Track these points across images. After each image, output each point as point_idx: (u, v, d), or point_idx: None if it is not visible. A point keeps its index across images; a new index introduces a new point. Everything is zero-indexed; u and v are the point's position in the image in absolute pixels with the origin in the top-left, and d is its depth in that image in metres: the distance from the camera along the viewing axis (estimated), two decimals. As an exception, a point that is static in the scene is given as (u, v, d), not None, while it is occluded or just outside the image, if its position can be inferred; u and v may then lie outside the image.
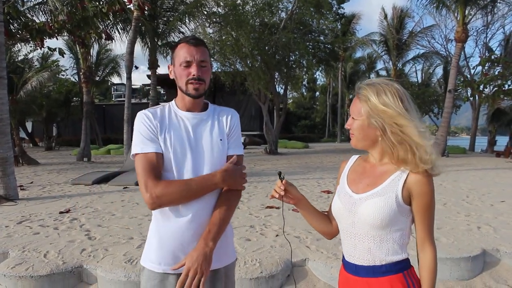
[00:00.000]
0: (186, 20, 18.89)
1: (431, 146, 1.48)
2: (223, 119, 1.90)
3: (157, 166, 1.70)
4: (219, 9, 18.39)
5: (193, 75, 1.74)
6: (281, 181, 1.72)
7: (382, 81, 1.54)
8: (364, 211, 1.52)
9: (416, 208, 1.50)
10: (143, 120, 1.76)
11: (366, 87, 1.53)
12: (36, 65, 27.53)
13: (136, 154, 1.72)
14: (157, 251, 1.77)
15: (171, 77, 1.83)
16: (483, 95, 22.45)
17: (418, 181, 1.48)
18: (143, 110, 1.80)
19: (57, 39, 12.63)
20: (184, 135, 1.77)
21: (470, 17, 19.68)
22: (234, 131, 1.92)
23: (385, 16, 32.57)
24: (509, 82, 18.70)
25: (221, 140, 1.84)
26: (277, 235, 5.04)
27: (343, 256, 1.68)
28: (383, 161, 1.57)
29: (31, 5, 15.06)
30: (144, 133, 1.74)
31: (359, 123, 1.55)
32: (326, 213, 1.84)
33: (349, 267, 1.63)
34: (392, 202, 1.48)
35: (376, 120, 1.50)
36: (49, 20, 12.94)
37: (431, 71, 38.74)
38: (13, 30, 12.80)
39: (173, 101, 1.87)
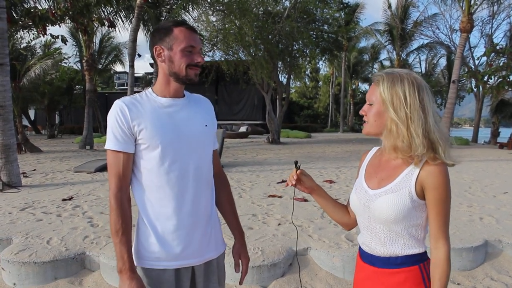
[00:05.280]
0: (190, 8, 18.76)
1: (444, 138, 1.45)
2: (203, 105, 1.89)
3: (125, 169, 1.68)
4: (222, -3, 18.25)
5: (198, 61, 1.72)
6: (296, 170, 1.72)
7: (402, 70, 1.51)
8: (377, 207, 1.50)
9: (429, 202, 1.46)
10: (116, 115, 1.65)
11: (383, 75, 1.50)
12: (38, 53, 27.46)
13: (107, 149, 1.69)
14: (156, 248, 1.70)
15: (160, 60, 1.72)
16: (487, 86, 22.31)
17: (431, 174, 1.43)
18: (119, 101, 1.69)
19: (59, 26, 12.59)
20: (167, 122, 1.70)
21: (476, 7, 19.47)
22: (215, 122, 1.93)
23: (389, 6, 32.33)
24: (514, 73, 18.56)
25: (206, 126, 1.81)
26: (279, 224, 5.05)
27: (360, 246, 1.68)
28: (396, 153, 1.52)
29: (34, -9, 14.97)
30: (115, 130, 1.66)
31: (375, 109, 1.51)
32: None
33: (365, 257, 1.64)
34: (406, 199, 1.45)
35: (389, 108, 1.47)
36: (51, 6, 12.86)
37: (435, 62, 38.54)
38: (16, 17, 12.74)
39: (149, 89, 1.79)
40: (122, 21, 19.05)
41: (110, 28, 16.31)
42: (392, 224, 1.49)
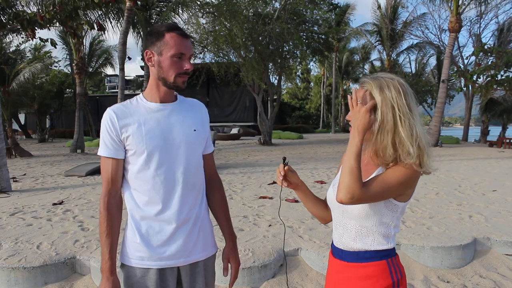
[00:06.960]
0: (179, 11, 18.77)
1: (429, 147, 1.48)
2: (195, 109, 1.90)
3: (114, 174, 1.75)
4: (212, -1, 18.27)
5: (187, 69, 1.72)
6: (283, 166, 1.77)
7: (387, 75, 1.53)
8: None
9: (379, 176, 1.48)
10: (106, 123, 1.72)
11: (369, 81, 1.51)
12: (28, 57, 27.27)
13: (99, 155, 1.78)
14: (140, 247, 1.75)
15: (150, 64, 1.75)
16: (476, 85, 22.53)
17: (397, 166, 1.47)
18: (110, 109, 1.75)
19: (49, 29, 12.47)
20: (154, 128, 1.73)
21: (463, 7, 19.67)
22: (208, 126, 1.95)
23: (379, 6, 32.50)
24: (502, 72, 18.75)
25: (195, 130, 1.82)
26: (270, 225, 5.06)
27: (332, 242, 1.72)
28: (377, 159, 1.55)
29: (22, -5, 14.85)
30: (105, 137, 1.73)
31: None
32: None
33: (336, 252, 1.68)
34: None
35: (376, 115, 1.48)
36: (40, 10, 12.79)
37: (425, 61, 38.82)
38: (4, 21, 12.64)
39: (140, 95, 1.82)
40: (112, 24, 19.02)
41: (100, 31, 16.23)
42: (364, 220, 1.55)
